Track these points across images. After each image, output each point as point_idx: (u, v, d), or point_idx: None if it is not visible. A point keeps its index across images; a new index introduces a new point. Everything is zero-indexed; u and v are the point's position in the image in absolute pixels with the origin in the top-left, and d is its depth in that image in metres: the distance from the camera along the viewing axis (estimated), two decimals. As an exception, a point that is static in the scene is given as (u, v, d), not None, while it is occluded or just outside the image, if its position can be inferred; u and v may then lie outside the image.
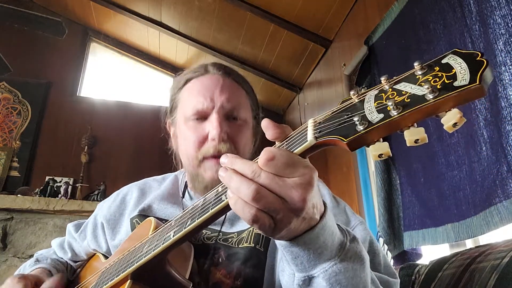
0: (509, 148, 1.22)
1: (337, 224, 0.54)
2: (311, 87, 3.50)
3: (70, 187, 3.28)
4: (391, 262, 1.88)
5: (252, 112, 0.93)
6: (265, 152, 0.44)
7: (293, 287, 0.53)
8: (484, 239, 1.45)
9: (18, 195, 2.98)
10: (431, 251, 1.80)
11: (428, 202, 1.66)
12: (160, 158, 3.59)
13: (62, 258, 1.02)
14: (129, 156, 3.61)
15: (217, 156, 0.79)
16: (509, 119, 1.23)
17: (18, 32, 3.35)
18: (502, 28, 1.29)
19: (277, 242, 0.50)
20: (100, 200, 3.17)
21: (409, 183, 1.82)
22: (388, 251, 1.91)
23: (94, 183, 3.38)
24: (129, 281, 0.65)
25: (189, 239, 0.71)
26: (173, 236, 0.57)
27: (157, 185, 0.96)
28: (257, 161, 0.45)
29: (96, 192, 3.27)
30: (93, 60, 4.05)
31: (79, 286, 0.88)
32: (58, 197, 3.14)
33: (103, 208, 0.97)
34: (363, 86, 2.34)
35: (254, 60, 3.60)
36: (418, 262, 1.60)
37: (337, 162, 2.81)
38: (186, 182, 0.93)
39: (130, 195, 0.96)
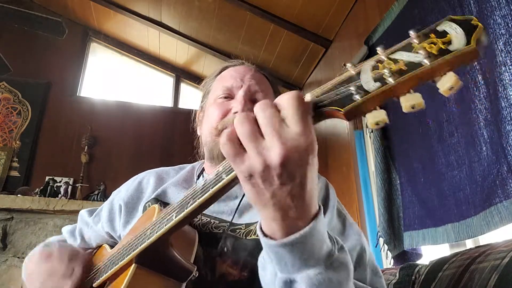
0: (509, 148, 1.22)
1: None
2: (311, 87, 3.50)
3: (70, 187, 3.28)
4: (391, 262, 1.89)
5: None
6: (289, 92, 0.43)
7: (274, 287, 0.51)
8: (484, 239, 1.45)
9: (18, 195, 2.98)
10: (431, 251, 1.80)
11: (428, 202, 1.66)
12: (160, 158, 3.61)
13: (71, 244, 1.01)
14: (129, 156, 3.61)
15: None
16: (509, 119, 1.23)
17: (18, 32, 3.35)
18: (502, 28, 1.29)
19: (263, 242, 0.49)
20: (100, 200, 3.18)
21: (409, 183, 1.82)
22: (388, 251, 1.91)
23: (94, 183, 3.38)
24: (133, 265, 0.65)
25: (192, 220, 0.71)
26: (175, 217, 0.58)
27: (174, 173, 0.97)
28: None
29: (96, 192, 3.28)
30: (93, 60, 4.05)
31: (90, 275, 0.88)
32: (58, 197, 3.14)
33: (121, 192, 0.97)
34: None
35: (254, 60, 3.58)
36: (418, 262, 1.60)
37: (337, 162, 2.81)
38: (203, 168, 0.95)
39: (146, 180, 0.96)
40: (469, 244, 1.55)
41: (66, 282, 0.78)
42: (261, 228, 0.49)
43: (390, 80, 0.38)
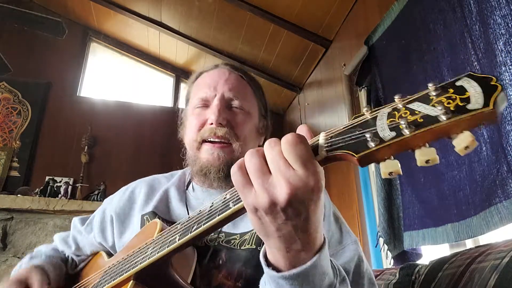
0: (509, 148, 1.22)
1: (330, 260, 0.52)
2: (311, 87, 3.50)
3: (70, 187, 3.28)
4: (391, 262, 1.89)
5: (258, 110, 0.95)
6: (293, 135, 0.43)
7: None
8: (484, 239, 1.45)
9: (18, 195, 2.98)
10: (431, 251, 1.80)
11: (428, 202, 1.66)
12: (160, 158, 3.61)
13: (63, 251, 1.01)
14: (129, 156, 3.61)
15: (213, 139, 0.84)
16: (509, 119, 1.23)
17: (18, 32, 3.35)
18: (502, 28, 1.29)
19: (265, 271, 0.49)
20: (100, 200, 3.17)
21: (409, 183, 1.82)
22: (388, 251, 1.91)
23: (94, 183, 3.38)
24: (131, 281, 0.65)
25: (194, 244, 0.72)
26: (178, 240, 0.58)
27: (166, 181, 0.98)
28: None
29: (96, 192, 3.28)
30: (93, 60, 4.05)
31: (80, 284, 0.88)
32: (58, 197, 3.14)
33: (112, 202, 0.97)
34: (363, 86, 2.34)
35: (254, 60, 3.60)
36: (418, 262, 1.59)
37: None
38: (191, 178, 0.96)
39: (138, 190, 0.96)
40: (469, 244, 1.55)
41: None
42: (265, 255, 0.49)
43: (406, 132, 0.37)
